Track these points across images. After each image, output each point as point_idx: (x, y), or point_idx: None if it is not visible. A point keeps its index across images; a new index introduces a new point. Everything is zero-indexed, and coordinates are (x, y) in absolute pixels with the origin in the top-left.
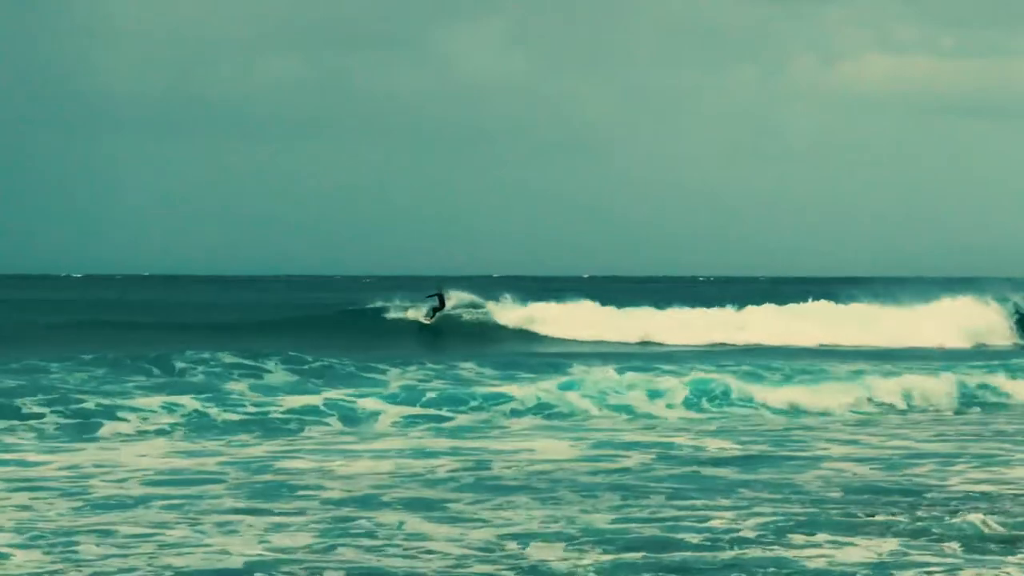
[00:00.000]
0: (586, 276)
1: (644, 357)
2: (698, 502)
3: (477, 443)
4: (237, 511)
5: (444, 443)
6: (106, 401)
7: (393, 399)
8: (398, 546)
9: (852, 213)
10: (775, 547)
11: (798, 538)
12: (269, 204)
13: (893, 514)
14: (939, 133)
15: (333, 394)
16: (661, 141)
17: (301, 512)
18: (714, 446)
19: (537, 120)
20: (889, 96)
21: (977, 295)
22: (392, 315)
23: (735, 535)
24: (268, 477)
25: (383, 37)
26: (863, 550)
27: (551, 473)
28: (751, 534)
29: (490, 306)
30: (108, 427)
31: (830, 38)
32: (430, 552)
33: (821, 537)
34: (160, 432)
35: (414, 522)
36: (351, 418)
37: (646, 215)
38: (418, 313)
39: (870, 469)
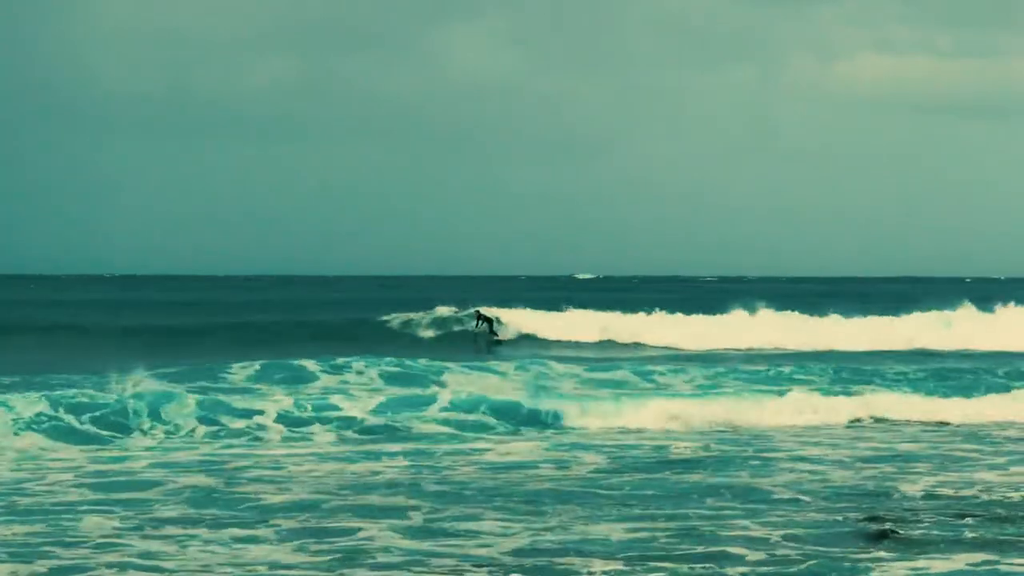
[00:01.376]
0: (595, 277)
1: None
2: None
3: None
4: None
5: None
6: None
7: None
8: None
9: (849, 213)
10: None
11: None
12: (263, 204)
13: None
14: (936, 133)
15: None
16: (657, 141)
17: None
18: None
19: (532, 120)
20: (886, 96)
21: None
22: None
23: None
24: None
25: (378, 37)
26: None
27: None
28: None
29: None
30: None
31: (827, 38)
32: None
33: None
34: None
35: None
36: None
37: (642, 215)
38: (484, 334)
39: None
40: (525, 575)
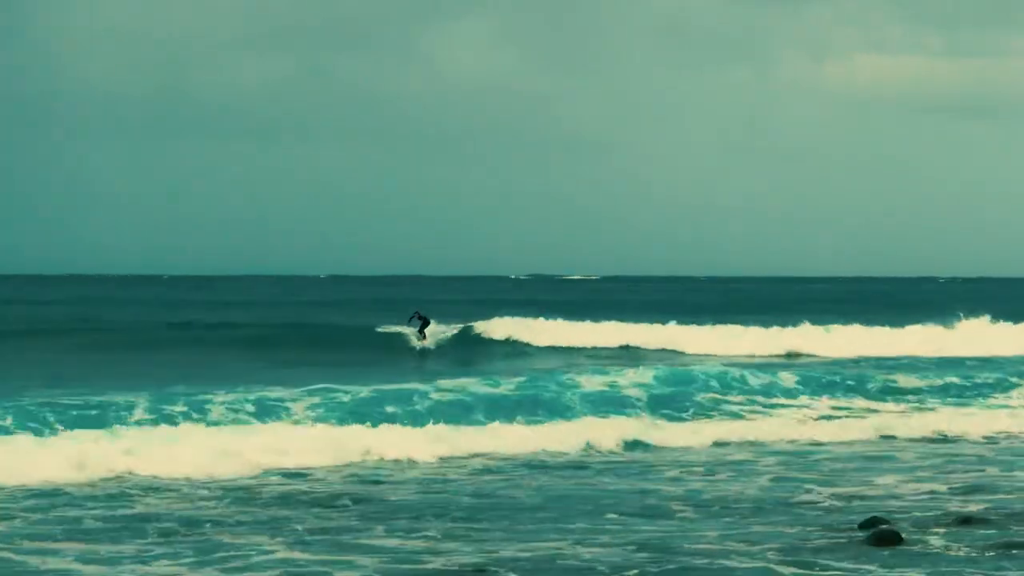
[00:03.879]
0: (596, 277)
1: None
2: None
3: None
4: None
5: None
6: None
7: None
8: None
9: (843, 212)
10: None
11: None
12: (256, 204)
13: None
14: (928, 132)
15: None
16: (651, 141)
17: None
18: None
19: (525, 120)
20: (880, 96)
21: None
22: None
23: None
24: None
25: (373, 37)
26: None
27: None
28: None
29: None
30: None
31: (821, 38)
32: None
33: None
34: None
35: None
36: None
37: (636, 215)
38: (415, 339)
39: None
40: None
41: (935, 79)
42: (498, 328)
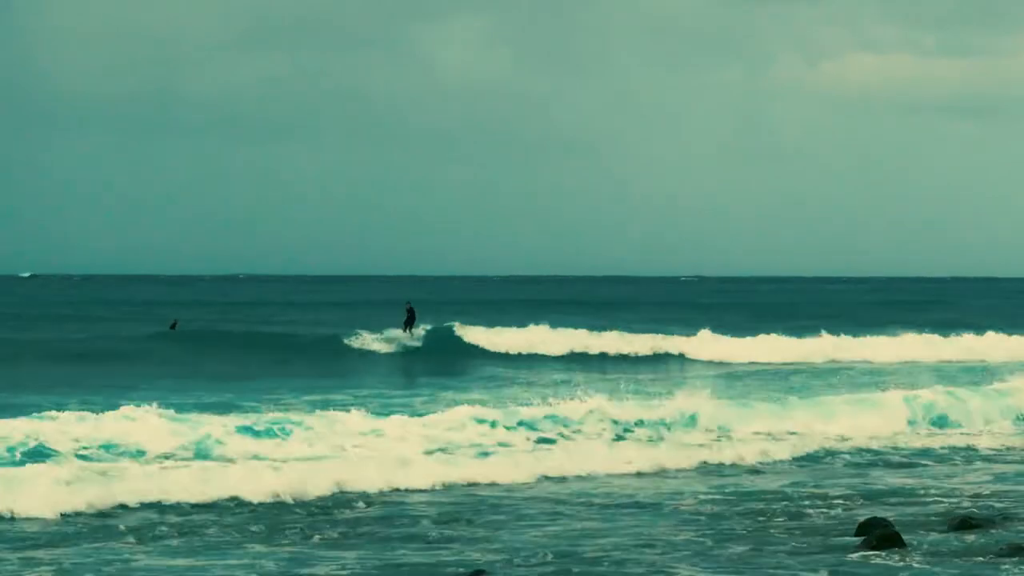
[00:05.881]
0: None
1: None
2: None
3: None
4: None
5: None
6: None
7: None
8: None
9: (835, 212)
10: None
11: None
12: (248, 204)
13: None
14: (921, 132)
15: None
16: (643, 141)
17: None
18: None
19: (519, 120)
20: (871, 95)
21: None
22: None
23: None
24: None
25: (365, 37)
26: None
27: None
28: None
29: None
30: None
31: (812, 38)
32: None
33: None
34: None
35: None
36: None
37: (631, 215)
38: (403, 334)
39: None
40: None
41: (927, 79)
42: (469, 333)
